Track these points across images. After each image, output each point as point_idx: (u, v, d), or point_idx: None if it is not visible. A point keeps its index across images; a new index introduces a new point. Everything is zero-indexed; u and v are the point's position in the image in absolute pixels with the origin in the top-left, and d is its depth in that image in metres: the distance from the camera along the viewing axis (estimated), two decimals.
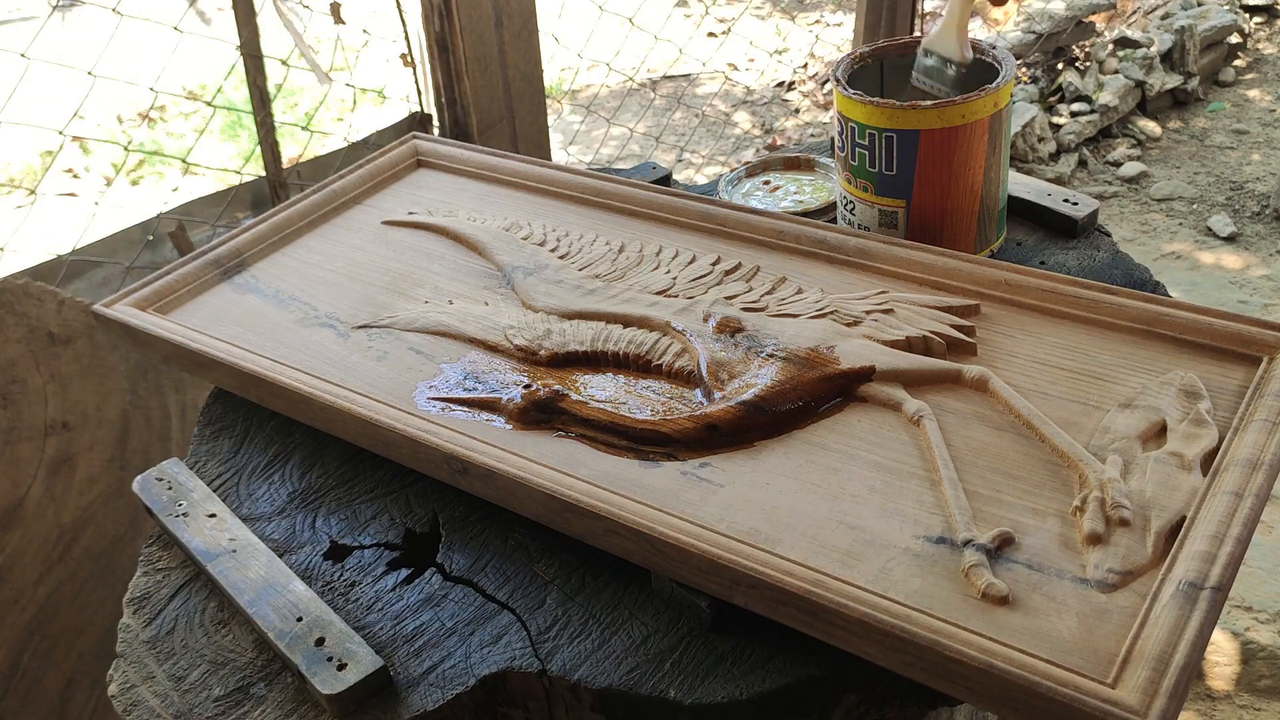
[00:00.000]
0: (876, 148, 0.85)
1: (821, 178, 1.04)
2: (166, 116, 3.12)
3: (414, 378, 0.79)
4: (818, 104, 3.21)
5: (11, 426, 1.19)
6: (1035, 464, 0.66)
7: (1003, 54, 0.88)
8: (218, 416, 0.85)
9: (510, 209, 0.99)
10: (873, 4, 1.88)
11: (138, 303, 0.88)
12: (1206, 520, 0.59)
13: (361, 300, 0.89)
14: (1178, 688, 0.50)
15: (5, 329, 1.19)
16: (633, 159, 2.88)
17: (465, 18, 1.47)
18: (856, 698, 0.61)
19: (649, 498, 0.65)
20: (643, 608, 0.65)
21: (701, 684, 0.60)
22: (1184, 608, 0.54)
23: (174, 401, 1.31)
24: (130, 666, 0.66)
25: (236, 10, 1.41)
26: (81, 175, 2.86)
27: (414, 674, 0.63)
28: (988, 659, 0.52)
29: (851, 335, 0.77)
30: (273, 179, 1.52)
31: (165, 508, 0.75)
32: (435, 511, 0.74)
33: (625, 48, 3.09)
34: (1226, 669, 1.45)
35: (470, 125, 1.55)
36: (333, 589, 0.69)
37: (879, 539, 0.62)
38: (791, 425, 0.71)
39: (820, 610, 0.57)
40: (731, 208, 0.92)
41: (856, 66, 0.93)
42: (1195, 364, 0.72)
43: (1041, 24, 2.95)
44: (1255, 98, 3.03)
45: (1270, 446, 0.63)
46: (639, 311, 0.82)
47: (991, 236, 0.91)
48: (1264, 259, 2.35)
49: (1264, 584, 1.55)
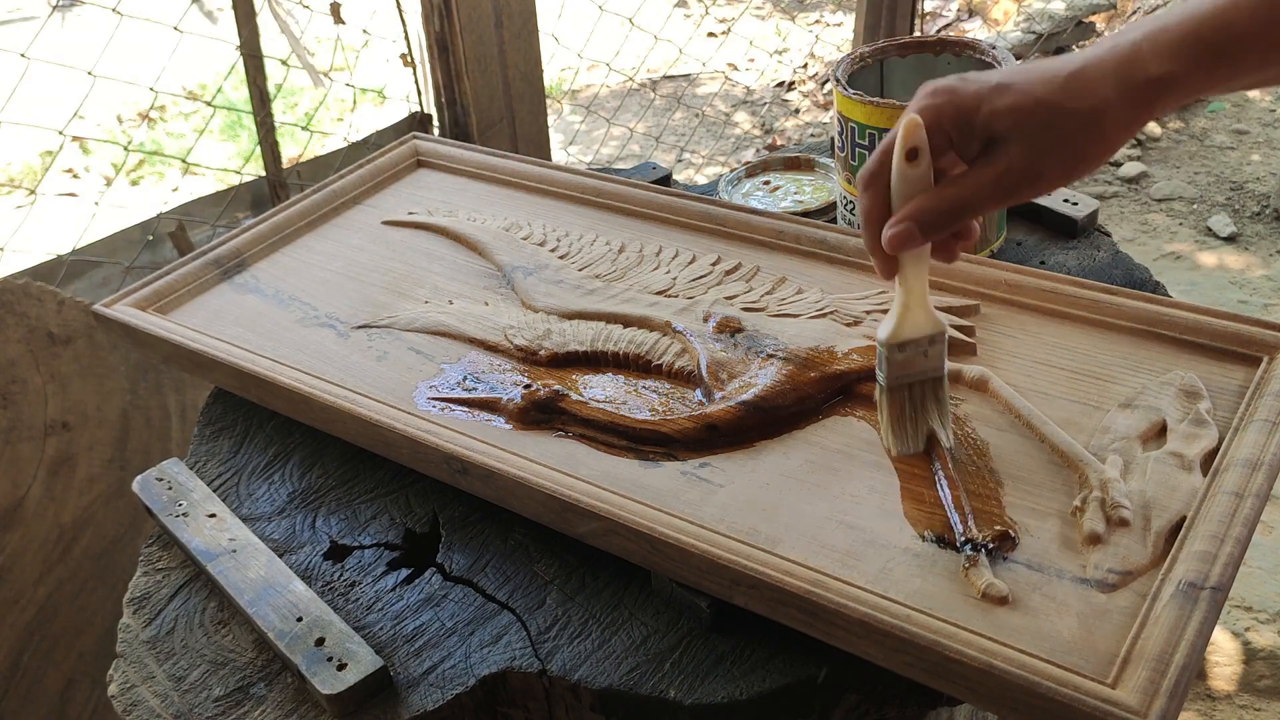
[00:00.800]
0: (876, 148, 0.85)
1: (821, 178, 1.04)
2: (166, 116, 3.12)
3: (414, 378, 0.79)
4: (818, 104, 3.21)
5: (11, 426, 1.19)
6: (1035, 464, 0.66)
7: (1003, 54, 0.88)
8: (218, 416, 0.85)
9: (510, 209, 0.99)
10: (873, 4, 1.88)
11: (138, 303, 0.88)
12: (1206, 520, 0.59)
13: (361, 300, 0.89)
14: (1178, 688, 0.50)
15: (5, 329, 1.19)
16: (633, 159, 2.88)
17: (465, 18, 1.47)
18: (856, 698, 0.61)
19: (649, 498, 0.65)
20: (643, 608, 0.65)
21: (701, 684, 0.60)
22: (1184, 608, 0.54)
23: (174, 401, 1.31)
24: (130, 666, 0.66)
25: (236, 10, 1.41)
26: (81, 175, 2.85)
27: (414, 674, 0.63)
28: (988, 659, 0.52)
29: (851, 335, 0.77)
30: (273, 179, 1.52)
31: (165, 508, 0.75)
32: (435, 511, 0.74)
33: (625, 48, 3.09)
34: (1226, 669, 1.45)
35: (470, 125, 1.55)
36: (333, 589, 0.69)
37: (879, 539, 0.62)
38: (791, 425, 0.71)
39: (820, 610, 0.57)
40: (731, 208, 0.92)
41: (856, 66, 0.93)
42: (1195, 364, 0.72)
43: (1041, 24, 2.95)
44: (1255, 98, 3.03)
45: (1270, 446, 0.63)
46: (639, 311, 0.82)
47: (991, 236, 0.91)
48: (1264, 259, 2.35)
49: (1264, 584, 1.55)
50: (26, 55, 1.32)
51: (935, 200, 0.60)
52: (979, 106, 0.58)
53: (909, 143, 0.59)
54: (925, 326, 0.64)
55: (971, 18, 3.37)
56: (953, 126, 0.59)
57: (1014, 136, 0.58)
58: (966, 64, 0.92)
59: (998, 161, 0.58)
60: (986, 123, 0.58)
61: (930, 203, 0.60)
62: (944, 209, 0.60)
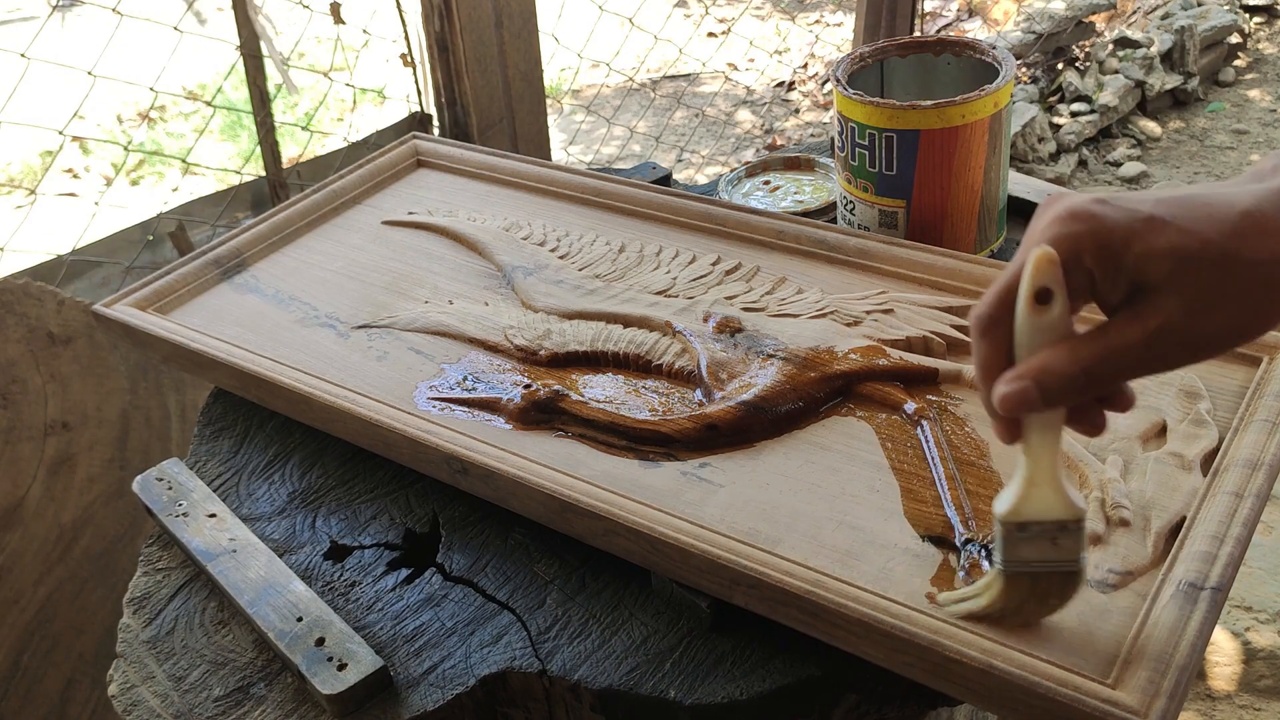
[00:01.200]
0: (876, 148, 0.85)
1: (821, 178, 1.04)
2: (166, 116, 3.12)
3: (414, 378, 0.79)
4: (818, 104, 3.21)
5: (11, 426, 1.19)
6: None
7: (1003, 54, 0.88)
8: (218, 416, 0.85)
9: (510, 209, 0.99)
10: (873, 4, 1.88)
11: (138, 303, 0.88)
12: (1206, 520, 0.59)
13: (361, 300, 0.89)
14: (1178, 688, 0.50)
15: (5, 329, 1.19)
16: (633, 159, 2.88)
17: (465, 18, 1.47)
18: (856, 698, 0.61)
19: (649, 498, 0.65)
20: (643, 608, 0.65)
21: (701, 684, 0.60)
22: (1184, 608, 0.54)
23: (174, 401, 1.31)
24: (130, 666, 0.66)
25: (236, 10, 1.41)
26: (81, 175, 2.86)
27: (414, 674, 0.63)
28: (988, 659, 0.52)
29: (851, 335, 0.77)
30: (273, 179, 1.52)
31: (165, 508, 0.75)
32: (435, 511, 0.74)
33: (625, 48, 3.09)
34: (1226, 669, 1.45)
35: (470, 125, 1.55)
36: (333, 589, 0.69)
37: (879, 539, 0.62)
38: (791, 425, 0.71)
39: (820, 610, 0.57)
40: (731, 208, 0.92)
41: (856, 66, 0.93)
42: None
43: (1041, 24, 2.95)
44: (1255, 98, 3.03)
45: (1270, 447, 0.63)
46: (639, 311, 0.82)
47: (992, 236, 0.91)
48: None
49: (1264, 584, 1.55)
50: (26, 55, 1.32)
51: (1066, 360, 0.47)
52: (1130, 243, 0.46)
53: (1040, 281, 0.47)
54: (1054, 509, 0.52)
55: (971, 18, 3.37)
56: (1096, 264, 0.47)
57: (1173, 287, 0.45)
58: (967, 64, 0.92)
59: (1150, 316, 0.46)
60: (1139, 265, 0.46)
61: (1058, 363, 0.47)
62: (1074, 372, 0.47)
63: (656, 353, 0.78)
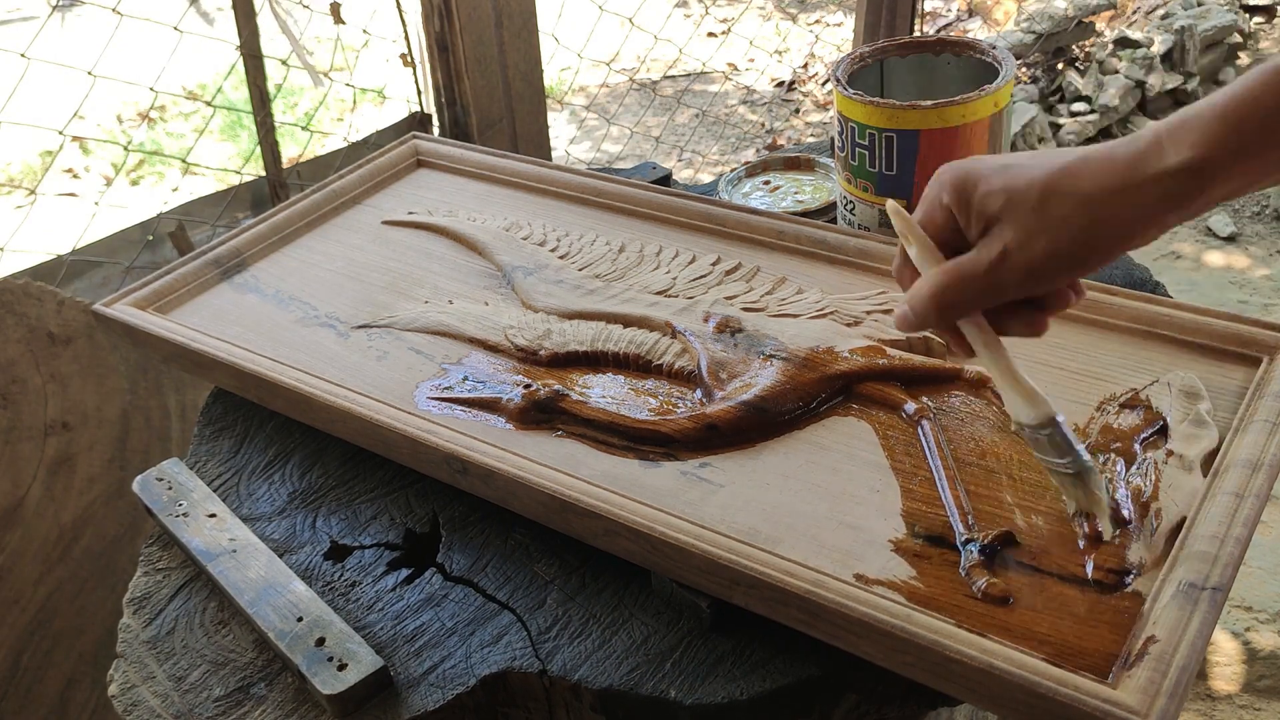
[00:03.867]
0: (876, 148, 0.85)
1: (821, 178, 1.04)
2: (166, 116, 3.12)
3: (414, 378, 0.79)
4: (818, 104, 3.21)
5: (11, 426, 1.19)
6: (1035, 464, 0.66)
7: (1003, 54, 0.88)
8: (218, 416, 0.85)
9: (510, 209, 0.99)
10: (873, 4, 1.88)
11: (138, 302, 0.88)
12: (1206, 520, 0.59)
13: (361, 300, 0.89)
14: (1178, 688, 0.50)
15: (5, 329, 1.19)
16: (633, 159, 2.88)
17: (465, 18, 1.47)
18: (856, 698, 0.61)
19: (649, 498, 0.65)
20: (643, 608, 0.65)
21: (701, 684, 0.60)
22: (1184, 608, 0.54)
23: (174, 401, 1.31)
24: (130, 666, 0.66)
25: (236, 10, 1.41)
26: (81, 175, 2.85)
27: (414, 674, 0.63)
28: (988, 659, 0.52)
29: (851, 335, 0.77)
30: (273, 179, 1.52)
31: (165, 508, 0.75)
32: (435, 511, 0.74)
33: (625, 48, 3.09)
34: (1226, 669, 1.45)
35: (470, 125, 1.55)
36: (333, 589, 0.69)
37: (879, 539, 0.62)
38: (791, 425, 0.71)
39: (820, 610, 0.57)
40: (731, 208, 0.92)
41: (856, 66, 0.93)
42: (1195, 364, 0.72)
43: (1041, 24, 2.95)
44: None
45: (1270, 447, 0.63)
46: (639, 311, 0.82)
47: None
48: (1264, 259, 2.35)
49: (1264, 584, 1.55)
50: (26, 55, 1.32)
51: (924, 287, 0.58)
52: (977, 184, 0.56)
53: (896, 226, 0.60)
54: (1022, 411, 0.59)
55: (972, 17, 3.37)
56: (953, 203, 0.57)
57: (1007, 220, 0.54)
58: (967, 64, 0.92)
59: (989, 247, 0.55)
60: (982, 202, 0.55)
61: (918, 290, 0.58)
62: (927, 294, 0.57)
63: (656, 353, 0.78)
